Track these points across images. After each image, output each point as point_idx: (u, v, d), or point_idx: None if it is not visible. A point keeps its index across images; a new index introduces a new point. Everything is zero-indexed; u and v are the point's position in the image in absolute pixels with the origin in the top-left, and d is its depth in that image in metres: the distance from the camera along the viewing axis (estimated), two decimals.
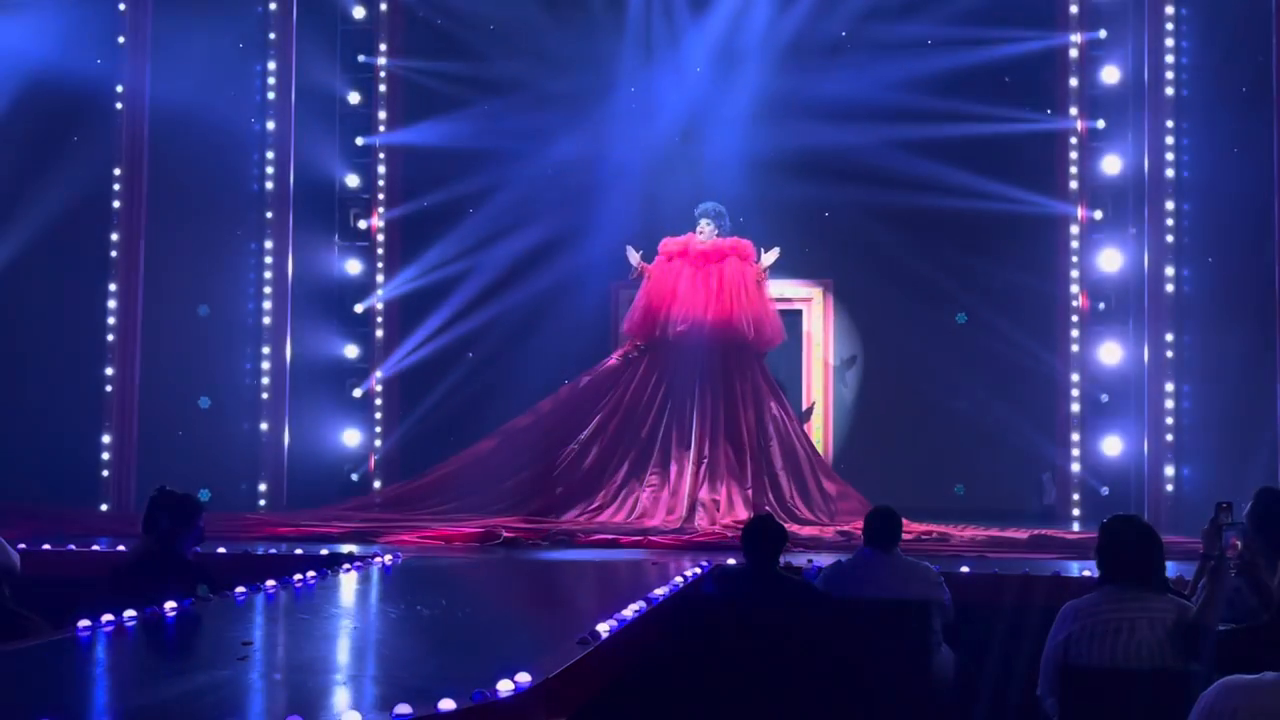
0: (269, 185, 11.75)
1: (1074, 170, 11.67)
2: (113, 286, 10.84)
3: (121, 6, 11.02)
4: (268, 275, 11.74)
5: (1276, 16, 9.87)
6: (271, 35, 11.81)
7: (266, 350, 11.69)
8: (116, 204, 10.82)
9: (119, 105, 10.99)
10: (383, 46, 12.59)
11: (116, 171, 10.82)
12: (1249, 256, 10.15)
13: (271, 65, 11.78)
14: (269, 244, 11.74)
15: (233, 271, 11.64)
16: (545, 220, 12.03)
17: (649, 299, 10.48)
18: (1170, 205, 11.00)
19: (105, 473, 10.67)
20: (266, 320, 11.70)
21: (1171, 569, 4.88)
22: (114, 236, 10.73)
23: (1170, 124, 11.04)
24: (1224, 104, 10.74)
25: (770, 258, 10.44)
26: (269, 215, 11.73)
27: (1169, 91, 11.07)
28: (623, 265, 10.80)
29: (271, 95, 11.80)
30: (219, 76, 11.31)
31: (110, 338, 10.71)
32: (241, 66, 11.67)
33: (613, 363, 10.68)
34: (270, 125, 11.76)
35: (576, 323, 11.89)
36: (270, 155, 11.76)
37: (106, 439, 10.72)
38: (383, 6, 12.57)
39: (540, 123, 11.97)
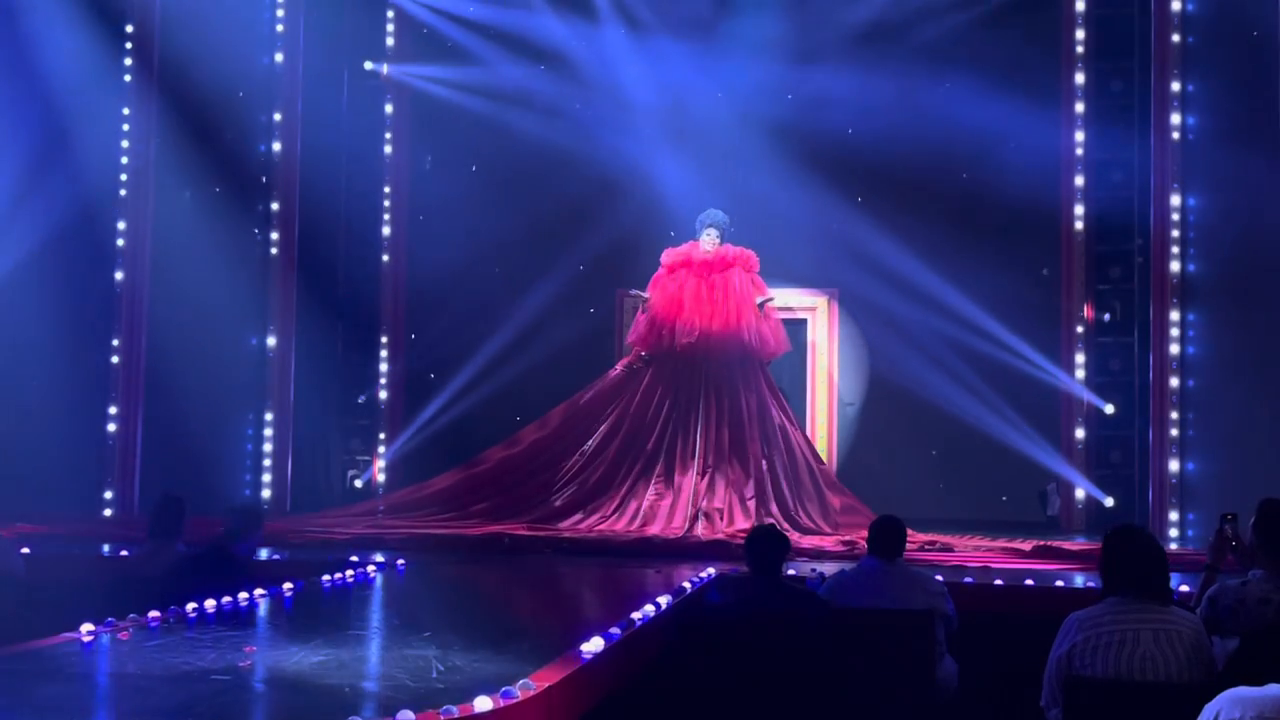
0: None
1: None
2: (119, 275, 10.77)
3: None
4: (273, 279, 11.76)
5: None
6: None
7: (272, 349, 11.71)
8: (121, 227, 10.79)
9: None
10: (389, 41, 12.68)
11: (123, 177, 10.78)
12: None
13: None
14: (275, 248, 11.75)
15: (238, 271, 11.64)
16: (551, 225, 12.05)
17: (654, 310, 10.48)
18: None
19: (109, 477, 10.67)
20: (271, 324, 11.70)
21: (1175, 580, 4.86)
22: (120, 224, 10.68)
23: None
24: None
25: (768, 302, 10.45)
26: (275, 208, 11.75)
27: None
28: (628, 272, 10.82)
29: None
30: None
31: (115, 341, 10.69)
32: None
33: (617, 373, 10.66)
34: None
35: (582, 330, 11.92)
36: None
37: (111, 440, 10.72)
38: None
39: (548, 129, 12.01)
